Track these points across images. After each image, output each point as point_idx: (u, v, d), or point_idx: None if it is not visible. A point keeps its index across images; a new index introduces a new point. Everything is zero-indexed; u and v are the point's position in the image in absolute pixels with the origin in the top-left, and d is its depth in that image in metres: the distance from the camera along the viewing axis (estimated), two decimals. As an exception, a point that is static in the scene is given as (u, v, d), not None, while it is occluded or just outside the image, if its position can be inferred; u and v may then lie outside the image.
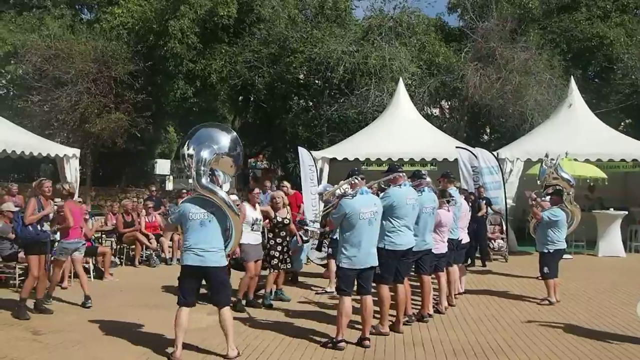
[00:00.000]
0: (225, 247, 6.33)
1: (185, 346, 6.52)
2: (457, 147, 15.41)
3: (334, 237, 9.55)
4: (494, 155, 14.90)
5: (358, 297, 6.83)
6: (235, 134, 6.49)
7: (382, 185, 7.62)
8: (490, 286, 10.72)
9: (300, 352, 6.43)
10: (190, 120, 27.58)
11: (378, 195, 7.32)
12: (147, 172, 29.91)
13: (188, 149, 6.18)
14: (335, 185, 7.28)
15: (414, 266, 7.87)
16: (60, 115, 20.48)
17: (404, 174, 7.51)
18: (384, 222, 6.96)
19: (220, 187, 6.29)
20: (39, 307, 8.01)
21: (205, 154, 6.12)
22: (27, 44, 20.88)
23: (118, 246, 12.81)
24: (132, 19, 22.43)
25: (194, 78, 23.12)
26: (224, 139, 6.31)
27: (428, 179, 8.51)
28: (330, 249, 10.03)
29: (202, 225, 6.13)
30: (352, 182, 6.82)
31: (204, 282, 6.47)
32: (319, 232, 10.30)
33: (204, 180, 6.10)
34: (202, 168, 6.08)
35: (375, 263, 6.70)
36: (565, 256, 9.97)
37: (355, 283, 6.77)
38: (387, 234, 7.03)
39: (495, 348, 6.69)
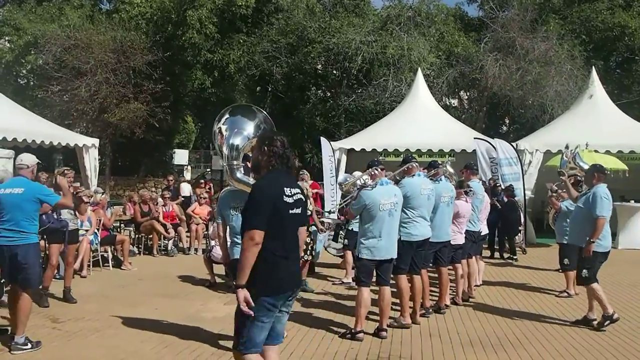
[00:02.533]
0: None
1: (202, 335, 6.57)
2: (475, 138, 15.32)
3: (350, 229, 9.55)
4: (513, 147, 14.78)
5: (376, 288, 6.83)
6: (264, 113, 6.31)
7: (397, 178, 7.57)
8: (508, 278, 10.66)
9: (317, 342, 6.44)
10: (208, 111, 27.71)
11: None
12: (165, 162, 30.06)
13: (221, 128, 6.06)
14: (356, 176, 7.25)
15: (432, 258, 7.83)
16: (79, 105, 20.66)
17: (417, 164, 7.46)
18: (400, 212, 6.91)
19: None
20: (67, 296, 8.08)
21: (237, 141, 5.98)
22: (47, 34, 21.06)
23: (136, 236, 12.90)
24: (150, 9, 22.54)
25: (212, 68, 23.19)
26: (251, 124, 6.15)
27: (450, 169, 8.45)
28: (346, 240, 10.02)
29: (239, 220, 6.01)
30: (372, 172, 6.78)
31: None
32: (334, 223, 10.27)
33: (238, 174, 5.98)
34: (235, 162, 5.96)
35: (395, 255, 6.67)
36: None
37: (374, 274, 6.75)
38: (403, 225, 6.97)
39: (512, 340, 6.66)
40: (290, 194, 4.03)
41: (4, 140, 12.90)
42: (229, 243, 6.13)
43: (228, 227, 6.15)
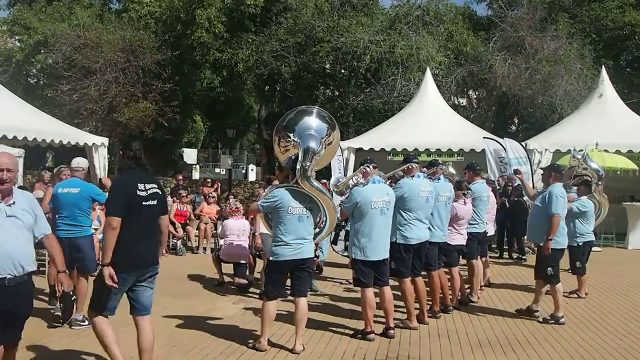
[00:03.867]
0: (321, 232, 6.39)
1: (210, 334, 6.58)
2: (484, 138, 15.27)
3: (349, 229, 9.48)
4: (523, 146, 14.73)
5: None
6: (317, 108, 6.33)
7: (396, 176, 7.50)
8: (517, 278, 10.62)
9: (325, 342, 6.45)
10: (216, 110, 27.78)
11: (391, 186, 7.15)
12: (173, 161, 30.17)
13: (294, 137, 6.02)
14: (348, 176, 7.22)
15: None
16: (88, 105, 20.70)
17: (419, 164, 7.37)
18: (396, 214, 6.82)
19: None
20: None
21: (312, 144, 5.94)
22: (57, 34, 21.12)
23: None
24: (159, 8, 22.59)
25: (221, 67, 23.21)
26: (315, 121, 6.10)
27: (451, 170, 8.39)
28: (347, 242, 9.95)
29: (300, 221, 5.97)
30: (364, 170, 6.74)
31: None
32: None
33: (314, 181, 5.99)
34: (308, 163, 5.90)
35: (387, 255, 6.59)
36: (594, 249, 9.83)
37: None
38: (399, 227, 6.89)
39: (521, 340, 6.64)
40: (144, 189, 4.95)
41: (15, 139, 12.98)
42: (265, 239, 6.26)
43: (282, 225, 5.99)
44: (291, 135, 6.06)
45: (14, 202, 4.25)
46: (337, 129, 6.29)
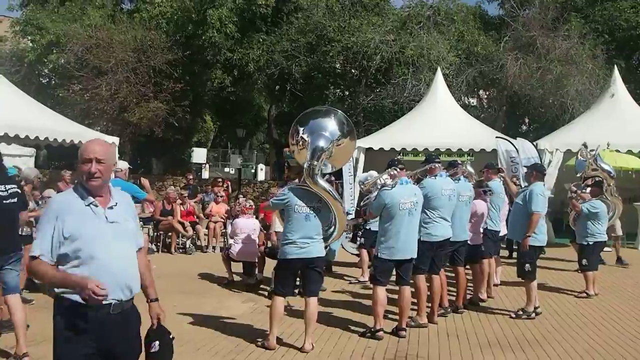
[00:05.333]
0: (328, 239, 6.34)
1: (220, 333, 6.61)
2: (497, 137, 15.22)
3: (368, 228, 9.55)
4: (534, 146, 14.67)
5: (395, 288, 6.82)
6: (340, 112, 6.29)
7: (419, 176, 7.57)
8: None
9: (333, 340, 6.46)
10: (227, 110, 27.83)
11: None
12: (184, 161, 30.26)
13: (303, 134, 6.06)
14: (375, 176, 7.25)
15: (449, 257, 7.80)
16: (100, 104, 20.83)
17: (440, 164, 7.45)
18: (420, 213, 6.89)
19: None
20: None
21: (321, 143, 5.96)
22: (69, 34, 21.25)
23: (155, 233, 12.99)
24: (171, 8, 22.69)
25: (232, 67, 23.26)
26: (332, 123, 6.10)
27: (470, 169, 8.42)
28: (362, 239, 10.01)
29: (307, 220, 6.02)
30: (392, 172, 6.78)
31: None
32: (352, 223, 10.24)
33: (319, 179, 5.99)
34: (315, 162, 5.93)
35: (415, 255, 6.65)
36: (605, 249, 9.79)
37: (394, 273, 6.73)
38: (423, 225, 6.98)
39: (531, 340, 6.62)
40: (4, 189, 5.68)
41: (27, 138, 13.08)
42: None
43: (290, 223, 6.05)
44: (301, 130, 6.11)
45: (116, 204, 3.38)
46: (353, 138, 6.30)
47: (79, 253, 3.17)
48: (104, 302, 3.12)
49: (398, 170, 6.78)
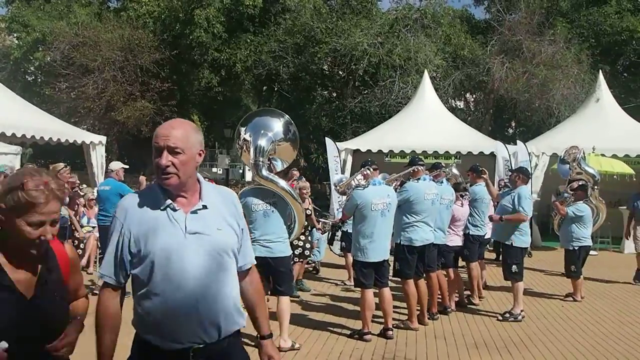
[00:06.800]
0: (290, 234, 6.28)
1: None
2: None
3: (345, 230, 9.48)
4: (527, 150, 14.77)
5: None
6: (287, 117, 6.24)
7: (402, 179, 7.54)
8: (513, 281, 10.63)
9: (321, 342, 6.46)
10: (214, 109, 27.76)
11: (396, 190, 7.17)
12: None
13: (245, 134, 6.01)
14: (350, 177, 7.22)
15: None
16: (86, 103, 20.73)
17: (424, 167, 7.42)
18: (401, 216, 6.89)
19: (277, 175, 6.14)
20: None
21: (262, 142, 5.94)
22: (55, 32, 21.12)
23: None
24: (158, 7, 22.62)
25: (219, 67, 23.23)
26: (277, 125, 6.06)
27: (455, 172, 8.42)
28: (343, 243, 9.96)
29: (266, 216, 6.02)
30: (365, 172, 6.75)
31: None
32: (330, 224, 10.19)
33: (264, 172, 5.95)
34: (260, 159, 5.92)
35: (387, 256, 6.61)
36: (590, 252, 9.85)
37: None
38: (404, 230, 6.95)
39: (517, 342, 6.66)
40: None
41: (13, 136, 12.94)
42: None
43: (251, 223, 6.00)
44: (242, 130, 6.04)
45: (204, 207, 2.50)
46: (294, 146, 6.22)
47: (145, 278, 2.41)
48: (176, 347, 2.36)
49: (371, 170, 6.73)
